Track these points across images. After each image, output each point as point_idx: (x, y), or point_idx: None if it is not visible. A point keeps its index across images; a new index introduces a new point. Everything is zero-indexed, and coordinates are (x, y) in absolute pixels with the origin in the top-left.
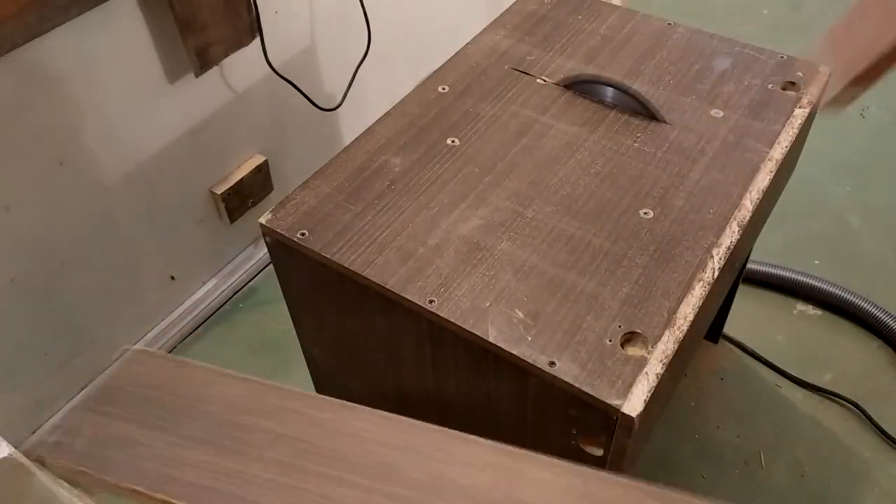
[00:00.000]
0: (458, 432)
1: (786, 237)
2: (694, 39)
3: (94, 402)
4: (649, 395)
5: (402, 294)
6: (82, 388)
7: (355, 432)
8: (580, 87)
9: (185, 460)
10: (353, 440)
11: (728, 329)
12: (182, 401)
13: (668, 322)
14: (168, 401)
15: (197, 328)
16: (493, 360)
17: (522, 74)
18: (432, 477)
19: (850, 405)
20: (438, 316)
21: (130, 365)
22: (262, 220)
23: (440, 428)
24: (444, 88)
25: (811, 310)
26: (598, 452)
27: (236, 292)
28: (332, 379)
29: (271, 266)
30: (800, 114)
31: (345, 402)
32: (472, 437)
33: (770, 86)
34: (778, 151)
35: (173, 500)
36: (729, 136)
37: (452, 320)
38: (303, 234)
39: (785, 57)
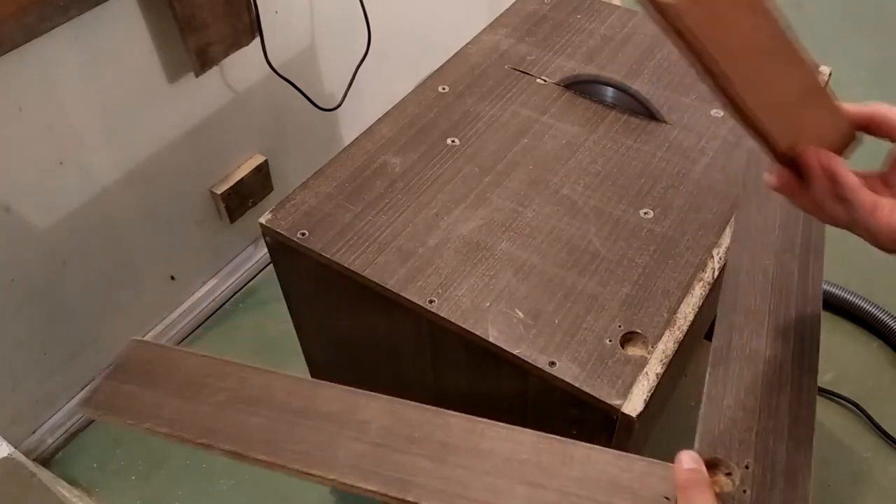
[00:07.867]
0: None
1: None
2: None
3: None
4: (649, 394)
5: (402, 294)
6: (83, 388)
7: None
8: (580, 86)
9: None
10: None
11: None
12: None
13: (668, 322)
14: None
15: (197, 328)
16: (492, 360)
17: (522, 74)
18: None
19: (850, 405)
20: (438, 316)
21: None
22: (263, 220)
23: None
24: (444, 88)
25: None
26: None
27: (236, 292)
28: (331, 379)
29: (271, 266)
30: None
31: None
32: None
33: None
34: None
35: None
36: (729, 136)
37: (452, 320)
38: (303, 234)
39: None
